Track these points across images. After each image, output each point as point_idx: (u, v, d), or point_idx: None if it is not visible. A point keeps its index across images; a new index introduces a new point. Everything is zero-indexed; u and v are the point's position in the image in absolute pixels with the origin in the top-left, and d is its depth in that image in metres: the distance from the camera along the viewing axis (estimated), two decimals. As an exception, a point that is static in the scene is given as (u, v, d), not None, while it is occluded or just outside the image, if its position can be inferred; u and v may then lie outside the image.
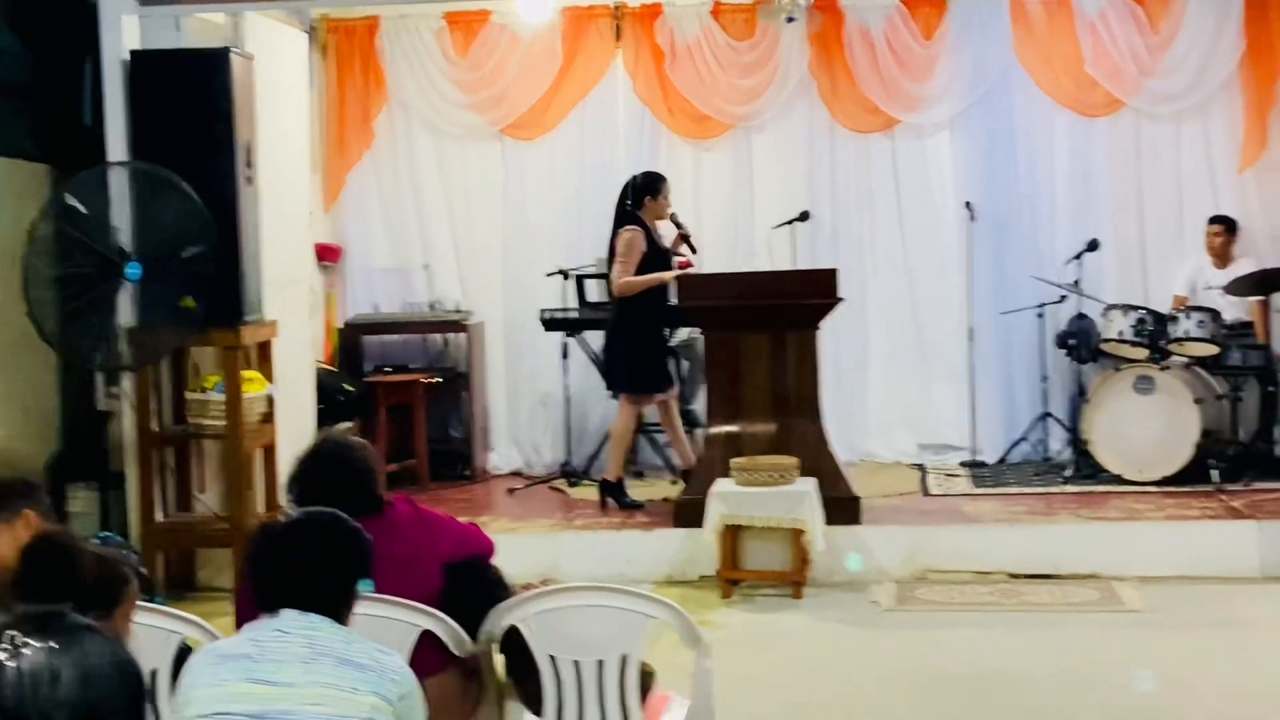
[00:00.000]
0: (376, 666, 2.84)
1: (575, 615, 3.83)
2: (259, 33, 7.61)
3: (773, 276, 8.36)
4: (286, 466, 4.10)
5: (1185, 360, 8.38)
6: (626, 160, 9.37)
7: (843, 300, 7.75)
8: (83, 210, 6.62)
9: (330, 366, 9.20)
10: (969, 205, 9.17)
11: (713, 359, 7.84)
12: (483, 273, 9.67)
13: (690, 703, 4.02)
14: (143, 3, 7.17)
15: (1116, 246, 9.18)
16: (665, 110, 9.46)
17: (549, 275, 9.13)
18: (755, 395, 7.68)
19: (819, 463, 7.46)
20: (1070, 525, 7.56)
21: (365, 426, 8.67)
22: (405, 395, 9.06)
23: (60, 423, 7.75)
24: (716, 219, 9.37)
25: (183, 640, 3.69)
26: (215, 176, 6.79)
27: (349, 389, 8.95)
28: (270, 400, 7.23)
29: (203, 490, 7.40)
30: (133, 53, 7.04)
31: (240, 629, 3.05)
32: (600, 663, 3.79)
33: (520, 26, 9.37)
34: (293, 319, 7.77)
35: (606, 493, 8.15)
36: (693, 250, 8.23)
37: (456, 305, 9.51)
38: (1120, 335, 8.41)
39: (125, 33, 7.06)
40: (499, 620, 3.84)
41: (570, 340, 9.04)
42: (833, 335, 8.69)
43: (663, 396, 8.15)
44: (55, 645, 1.69)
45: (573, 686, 3.80)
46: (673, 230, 8.20)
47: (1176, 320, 8.31)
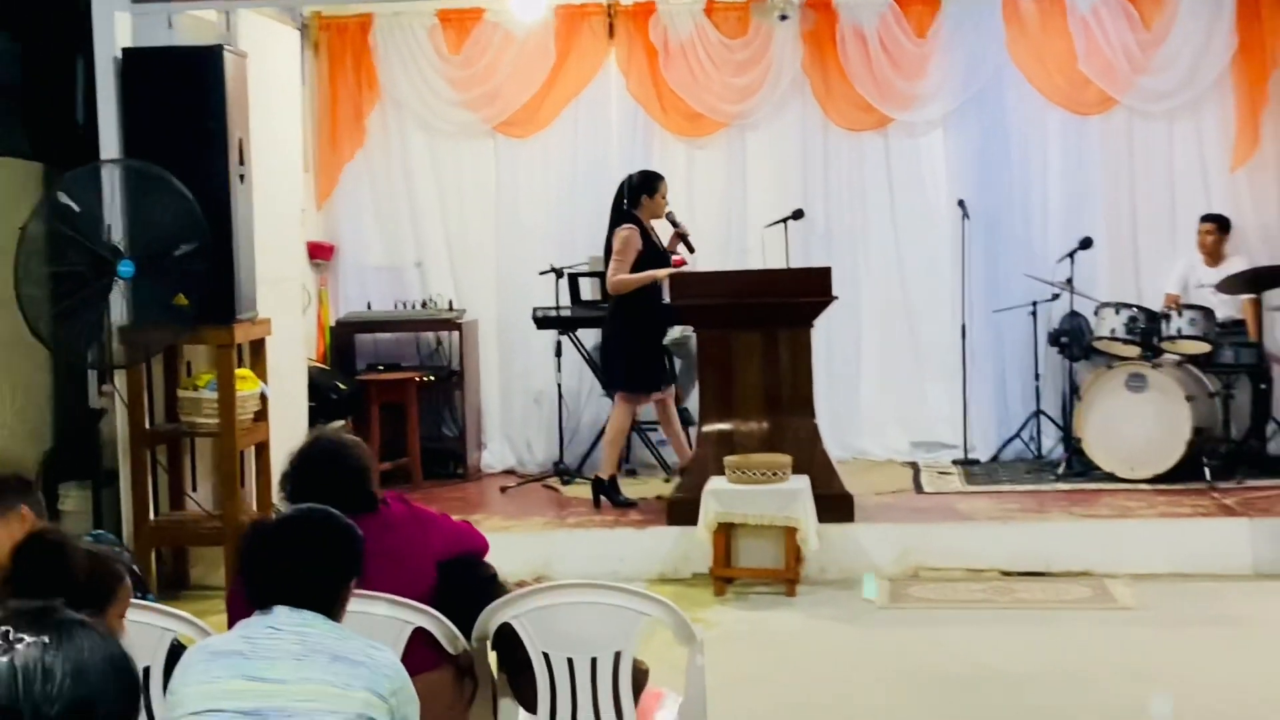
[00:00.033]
0: (369, 662, 2.84)
1: (569, 612, 3.83)
2: (251, 30, 7.61)
3: (766, 275, 8.37)
4: (279, 465, 4.09)
5: (1177, 358, 8.39)
6: (619, 158, 9.38)
7: (836, 298, 7.75)
8: (75, 208, 6.60)
9: (323, 365, 9.19)
10: (962, 203, 9.17)
11: (706, 357, 7.84)
12: (475, 271, 9.66)
13: (683, 700, 4.02)
14: (135, 0, 7.16)
15: (1109, 244, 9.20)
16: (658, 108, 9.46)
17: (542, 273, 9.11)
18: (748, 393, 7.68)
19: (812, 460, 7.47)
20: (1062, 523, 7.57)
21: (358, 425, 8.66)
22: (398, 393, 9.05)
23: (53, 421, 7.74)
24: (710, 217, 9.37)
25: (175, 638, 3.69)
26: (208, 174, 6.78)
27: (341, 387, 8.94)
28: (263, 398, 7.22)
29: (195, 488, 7.40)
30: (125, 50, 7.03)
31: (233, 626, 3.05)
32: (594, 660, 3.79)
33: (513, 24, 9.36)
34: (285, 317, 7.77)
35: (600, 491, 8.15)
36: (690, 249, 8.22)
37: (449, 303, 9.50)
38: (1112, 333, 8.42)
39: (117, 30, 7.04)
40: (492, 618, 3.84)
41: (563, 338, 9.04)
42: (826, 333, 8.71)
43: (659, 395, 8.15)
44: (48, 640, 1.68)
45: (566, 684, 3.79)
46: (671, 229, 8.19)
47: (1169, 318, 8.33)
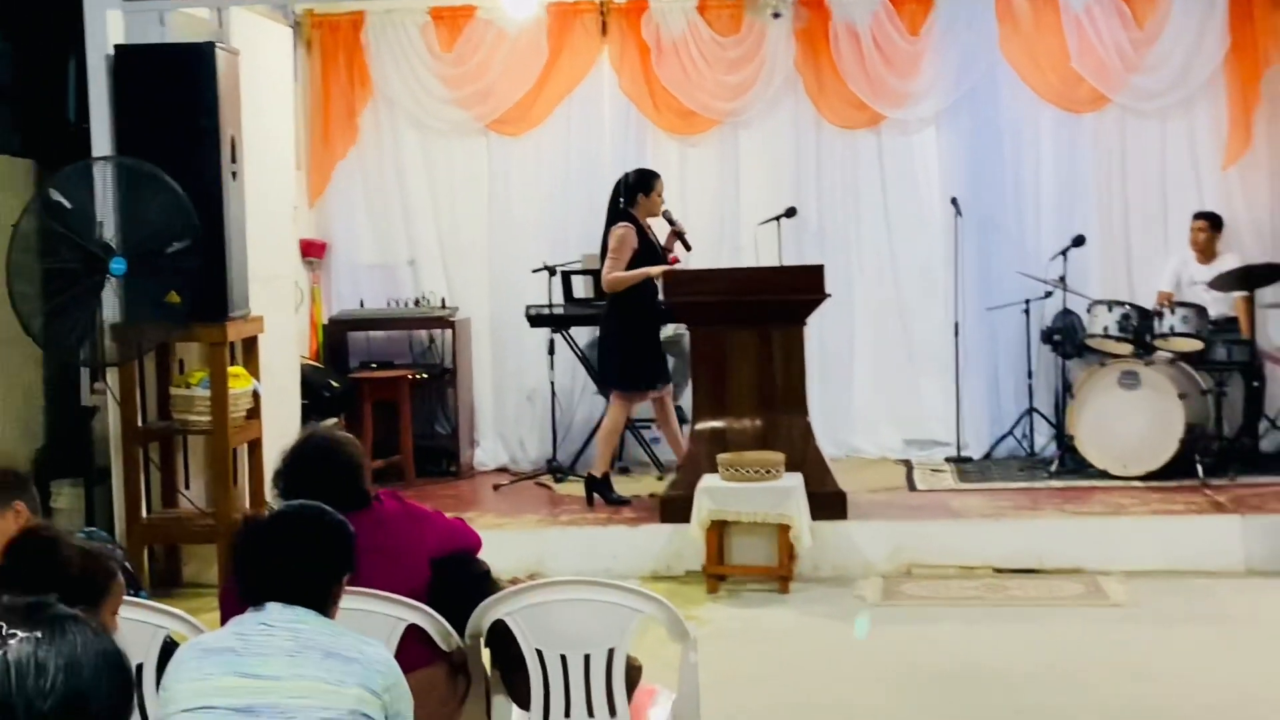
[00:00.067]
0: (362, 658, 2.83)
1: (562, 609, 3.84)
2: (244, 27, 7.60)
3: (759, 272, 8.37)
4: (272, 462, 4.09)
5: (1170, 355, 8.40)
6: (612, 156, 9.37)
7: (829, 296, 7.75)
8: (67, 205, 6.59)
9: (315, 362, 9.17)
10: (955, 201, 9.17)
11: (699, 355, 7.83)
12: (468, 269, 9.65)
13: (676, 697, 4.03)
14: (127, -3, 7.15)
15: (1102, 242, 9.20)
16: (651, 106, 9.45)
17: (535, 271, 9.11)
18: (741, 391, 7.68)
19: (805, 458, 7.47)
20: (1055, 520, 7.58)
21: (350, 422, 8.64)
22: (391, 391, 9.04)
23: (45, 418, 7.73)
24: (702, 215, 9.36)
25: (168, 635, 3.68)
26: (200, 171, 6.77)
27: (334, 385, 8.94)
28: (255, 396, 7.22)
29: (188, 486, 7.39)
30: (117, 47, 7.01)
31: (226, 623, 3.04)
32: (587, 657, 3.79)
33: (505, 22, 9.35)
34: (278, 315, 7.76)
35: (593, 488, 8.14)
36: (687, 247, 8.21)
37: (442, 301, 9.49)
38: (1105, 331, 8.42)
39: (109, 27, 7.03)
40: (486, 614, 3.84)
41: (556, 336, 9.04)
42: (819, 331, 8.72)
43: (656, 393, 8.14)
44: (41, 636, 1.68)
45: (559, 680, 3.80)
46: (668, 227, 8.19)
47: (1161, 316, 8.34)
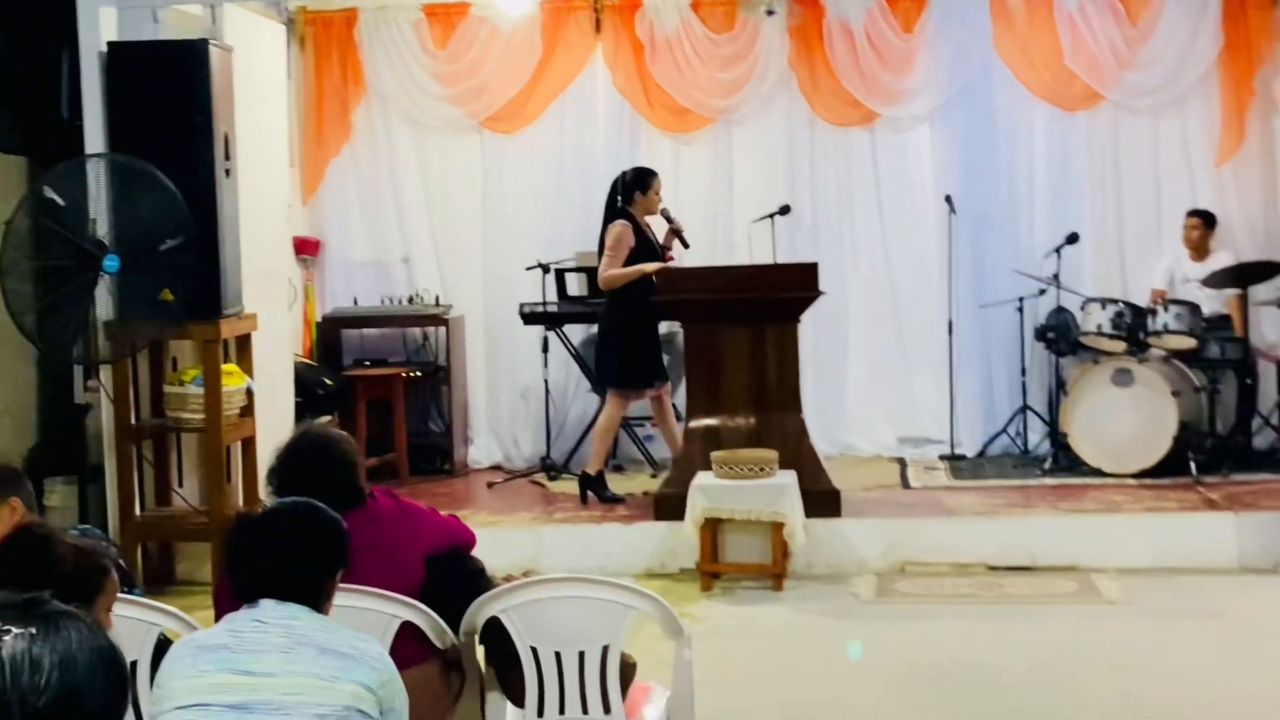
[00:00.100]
0: (356, 654, 2.83)
1: (557, 606, 3.83)
2: (237, 24, 7.58)
3: (753, 270, 8.37)
4: (265, 460, 4.09)
5: (1163, 353, 8.41)
6: (606, 154, 9.38)
7: (823, 294, 7.75)
8: (60, 202, 6.58)
9: (309, 360, 9.17)
10: (948, 199, 9.17)
11: (693, 352, 7.83)
12: (462, 266, 9.65)
13: (671, 693, 4.03)
14: (120, -6, 7.14)
15: (1095, 240, 9.21)
16: (645, 103, 9.45)
17: (529, 269, 9.10)
18: (735, 389, 7.68)
19: (799, 456, 7.47)
20: (1049, 517, 7.59)
21: (344, 420, 8.64)
22: (384, 389, 9.03)
23: (38, 416, 7.73)
24: (696, 212, 9.35)
25: (162, 632, 3.68)
26: (193, 169, 6.76)
27: (328, 383, 8.93)
28: (249, 394, 7.20)
29: (181, 484, 7.38)
30: (110, 44, 7.01)
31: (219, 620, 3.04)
32: (581, 654, 3.79)
33: (499, 19, 9.35)
34: (271, 312, 7.75)
35: (587, 486, 8.14)
36: (685, 245, 8.21)
37: (436, 299, 9.48)
38: (1099, 328, 8.43)
39: (103, 24, 7.02)
40: (480, 611, 3.84)
41: (550, 334, 9.03)
42: (812, 329, 8.71)
43: (654, 391, 8.13)
44: (35, 632, 1.68)
45: (554, 677, 3.80)
46: (666, 225, 8.18)
47: (1155, 313, 8.35)
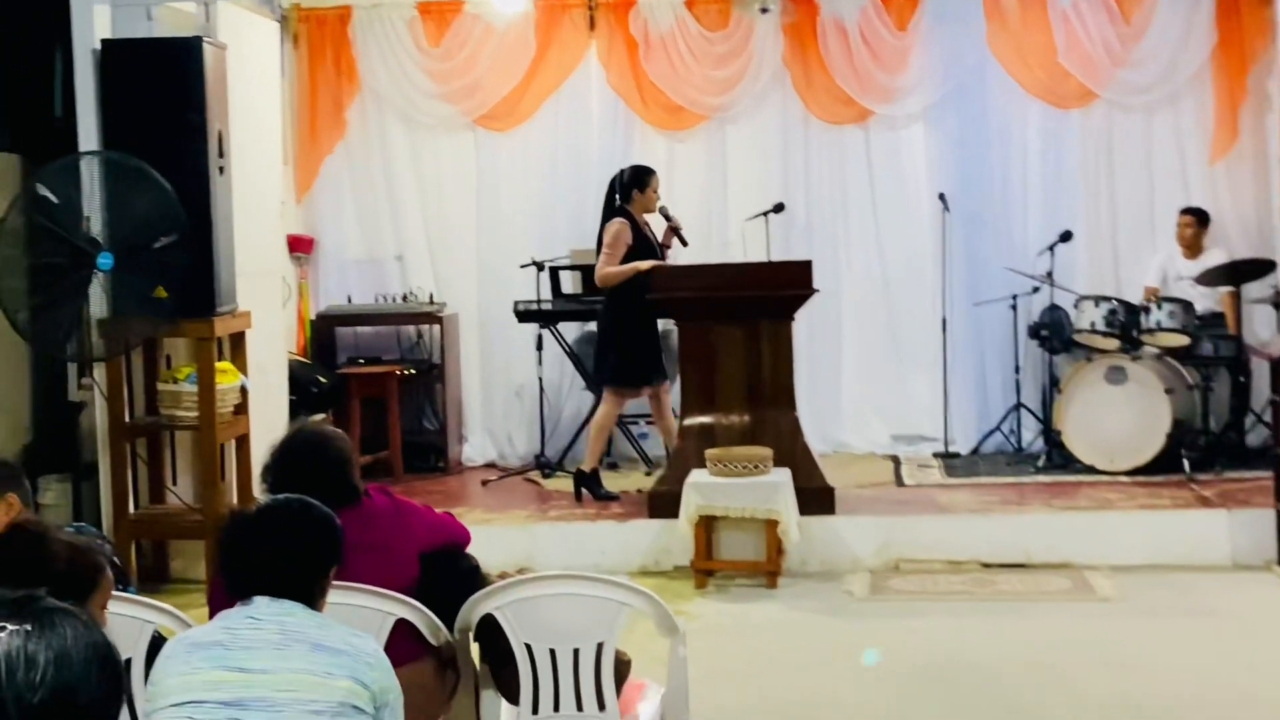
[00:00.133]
0: (350, 650, 2.83)
1: (551, 604, 3.84)
2: (230, 22, 7.56)
3: (747, 268, 8.36)
4: (260, 458, 4.09)
5: (1157, 351, 8.42)
6: (600, 152, 9.38)
7: (817, 292, 7.76)
8: (54, 200, 6.57)
9: (303, 358, 9.16)
10: (942, 197, 9.18)
11: (687, 350, 7.84)
12: (456, 264, 9.64)
13: (665, 691, 4.03)
14: (114, -8, 7.13)
15: (1089, 237, 9.22)
16: (639, 101, 9.45)
17: (523, 267, 9.10)
18: (729, 386, 7.69)
19: (793, 453, 7.48)
20: (1042, 515, 7.59)
21: (338, 418, 8.64)
22: (378, 387, 9.03)
23: (32, 414, 7.72)
24: (690, 210, 9.34)
25: (156, 630, 3.67)
26: (187, 166, 6.75)
27: (322, 380, 8.92)
28: (243, 391, 7.19)
29: (175, 482, 7.37)
30: (104, 42, 6.99)
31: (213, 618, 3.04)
32: (576, 651, 3.79)
33: (493, 16, 9.35)
34: (265, 310, 7.74)
35: (582, 483, 8.14)
36: (684, 243, 8.20)
37: (430, 297, 9.48)
38: (1092, 326, 8.44)
39: (96, 22, 7.00)
40: (475, 609, 3.84)
41: (544, 332, 9.03)
42: (807, 326, 8.72)
43: (652, 389, 8.13)
44: (30, 629, 1.68)
45: (548, 675, 3.80)
46: (665, 223, 8.18)
47: (1148, 311, 8.36)
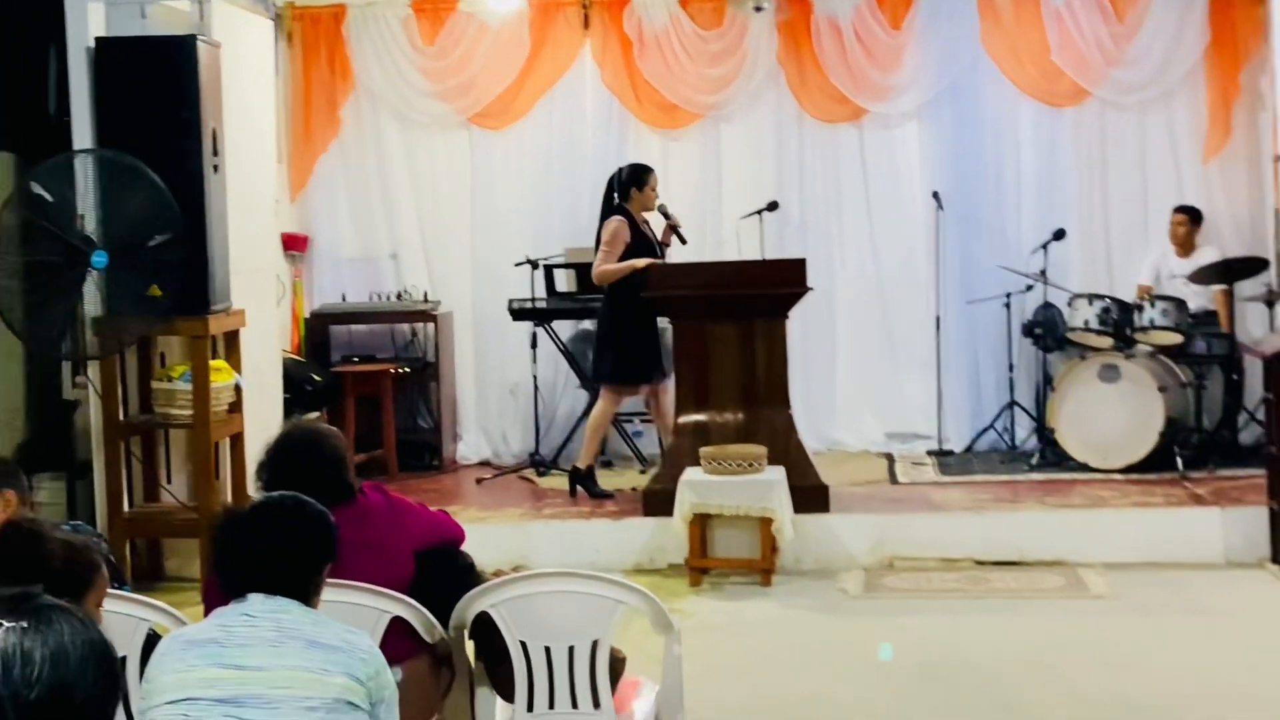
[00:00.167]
0: (346, 647, 2.83)
1: (546, 601, 3.84)
2: (225, 20, 7.56)
3: (741, 266, 8.37)
4: (254, 456, 4.09)
5: (1150, 349, 8.43)
6: (594, 150, 9.38)
7: (811, 290, 7.77)
8: (48, 198, 6.56)
9: (297, 356, 9.16)
10: (936, 195, 9.19)
11: (681, 348, 7.84)
12: (451, 262, 9.64)
13: (660, 688, 4.04)
14: (108, -10, 7.13)
15: (1082, 236, 9.23)
16: (633, 99, 9.45)
17: (517, 265, 9.10)
18: (724, 384, 7.69)
19: (787, 451, 7.48)
20: (1036, 513, 7.60)
21: (333, 416, 8.64)
22: (373, 385, 9.03)
23: (26, 412, 7.71)
24: (685, 209, 9.32)
25: (151, 628, 3.68)
26: (182, 164, 6.75)
27: (316, 379, 8.92)
28: (237, 390, 7.19)
29: (170, 480, 7.37)
30: (98, 40, 6.99)
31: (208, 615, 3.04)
32: (571, 648, 3.80)
33: (488, 15, 9.34)
34: (260, 308, 7.74)
35: (577, 481, 8.14)
36: (683, 241, 8.19)
37: (424, 295, 9.48)
38: (1086, 324, 8.45)
39: (90, 20, 7.00)
40: (470, 606, 3.84)
41: (539, 330, 9.03)
42: (801, 325, 8.72)
43: (649, 388, 8.13)
44: (27, 625, 1.68)
45: (543, 672, 3.80)
46: (664, 221, 8.18)
47: (1141, 309, 8.37)
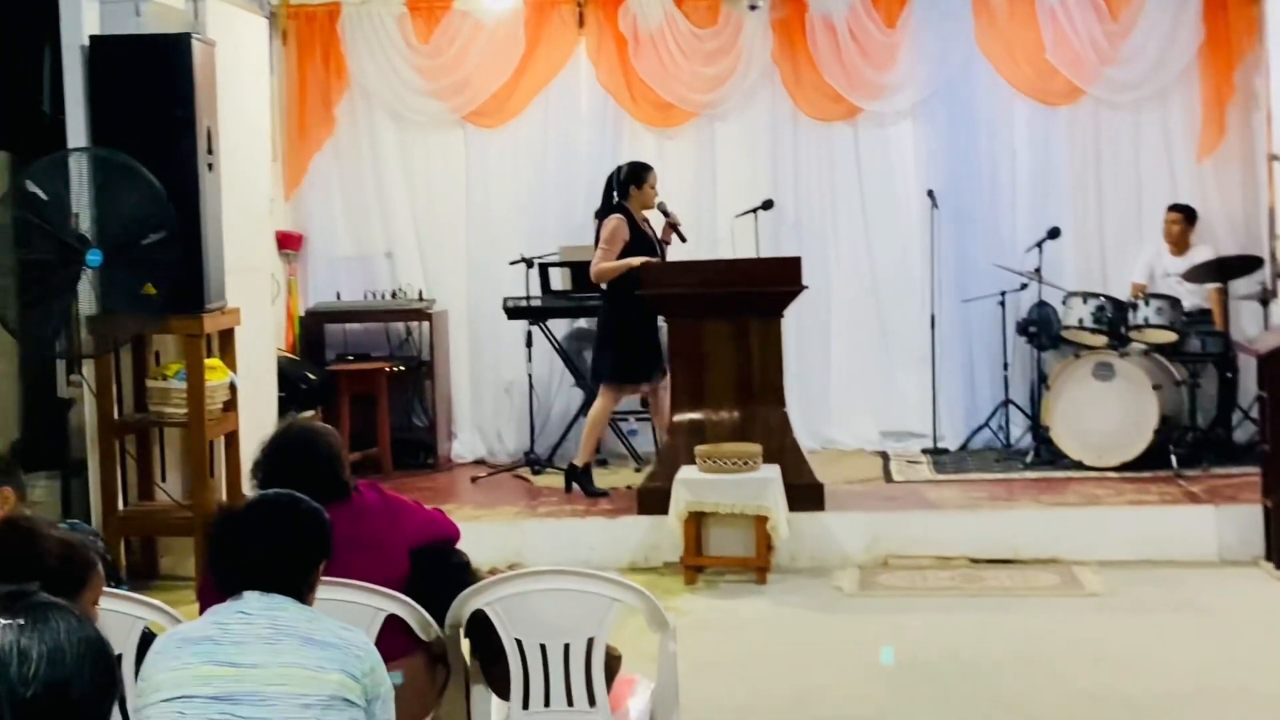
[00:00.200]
0: (341, 644, 2.84)
1: (542, 599, 3.84)
2: (219, 18, 7.56)
3: (736, 265, 8.37)
4: (249, 455, 4.09)
5: (1144, 347, 8.45)
6: (589, 148, 9.39)
7: (806, 288, 7.77)
8: (43, 197, 6.56)
9: (292, 355, 9.16)
10: (931, 193, 9.19)
11: (677, 347, 7.84)
12: (445, 261, 9.64)
13: (655, 686, 4.04)
14: (102, -13, 7.12)
15: (1076, 234, 9.24)
16: (628, 98, 9.45)
17: (512, 263, 9.10)
18: (719, 382, 7.69)
19: (782, 449, 7.49)
20: (1031, 511, 7.61)
21: (328, 415, 8.64)
22: (368, 384, 9.03)
23: (20, 411, 7.70)
24: (680, 207, 9.31)
25: (147, 626, 3.67)
26: (176, 163, 6.75)
27: (311, 377, 8.92)
28: (232, 388, 7.19)
29: (165, 479, 7.37)
30: (92, 38, 6.99)
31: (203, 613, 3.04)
32: (566, 646, 3.80)
33: (483, 13, 9.34)
34: (254, 307, 7.75)
35: (573, 478, 8.15)
36: (682, 239, 8.20)
37: (419, 293, 9.48)
38: (1080, 322, 8.47)
39: (85, 18, 7.00)
40: (465, 604, 3.84)
41: (534, 328, 9.03)
42: (796, 323, 8.73)
43: (648, 386, 8.13)
44: (23, 623, 1.68)
45: (539, 670, 3.80)
46: (664, 220, 8.18)
47: (1136, 307, 8.38)
